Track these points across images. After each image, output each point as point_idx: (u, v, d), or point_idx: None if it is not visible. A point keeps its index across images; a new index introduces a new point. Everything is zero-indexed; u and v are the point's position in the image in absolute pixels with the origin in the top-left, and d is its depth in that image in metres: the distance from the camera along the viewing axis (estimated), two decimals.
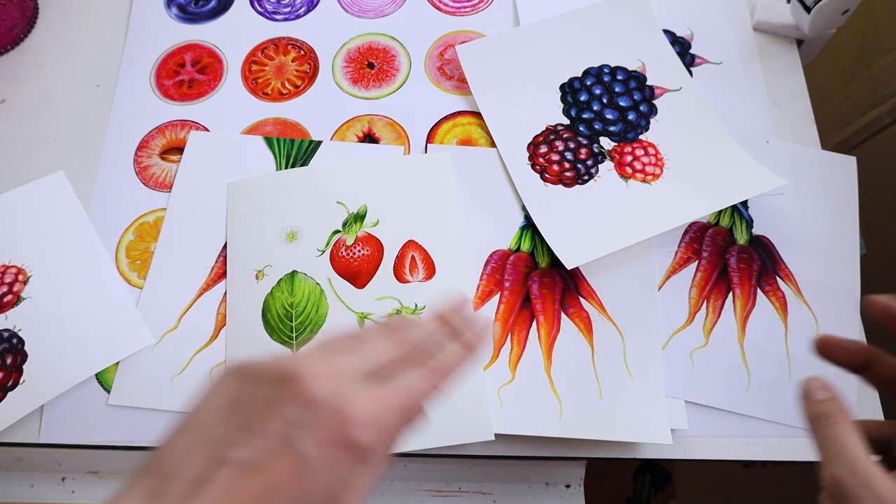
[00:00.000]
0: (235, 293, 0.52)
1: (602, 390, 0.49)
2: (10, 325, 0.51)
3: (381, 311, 0.51)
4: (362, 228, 0.54)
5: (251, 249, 0.53)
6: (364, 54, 0.64)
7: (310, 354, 0.25)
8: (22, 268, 0.53)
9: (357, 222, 0.54)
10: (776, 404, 0.50)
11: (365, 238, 0.53)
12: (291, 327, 0.50)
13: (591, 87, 0.60)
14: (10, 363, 0.50)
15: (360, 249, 0.53)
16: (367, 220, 0.54)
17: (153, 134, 0.60)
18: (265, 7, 0.67)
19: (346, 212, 0.54)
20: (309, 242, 0.53)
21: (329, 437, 0.22)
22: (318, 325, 0.51)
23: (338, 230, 0.54)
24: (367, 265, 0.52)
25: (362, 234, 0.53)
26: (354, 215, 0.54)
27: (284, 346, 0.50)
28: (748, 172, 0.55)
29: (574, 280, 0.53)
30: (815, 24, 0.60)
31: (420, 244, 0.53)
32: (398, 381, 0.26)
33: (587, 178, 0.56)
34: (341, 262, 0.52)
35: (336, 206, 0.54)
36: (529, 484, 0.52)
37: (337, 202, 0.54)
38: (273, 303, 0.51)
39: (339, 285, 0.52)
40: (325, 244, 0.53)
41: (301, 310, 0.51)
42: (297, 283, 0.52)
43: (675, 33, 0.64)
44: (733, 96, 0.61)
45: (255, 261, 0.53)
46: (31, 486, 0.50)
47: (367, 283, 0.52)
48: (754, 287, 0.53)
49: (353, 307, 0.51)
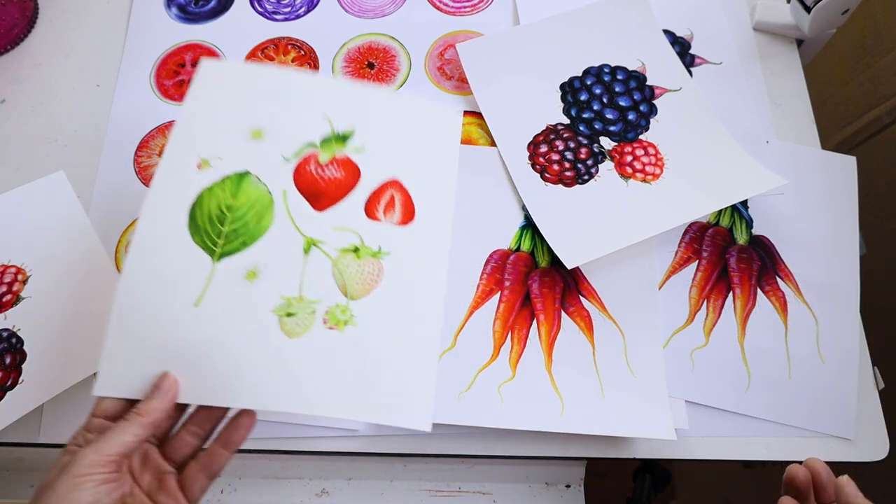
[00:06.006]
0: (165, 178, 0.43)
1: (603, 387, 0.49)
2: (10, 325, 0.51)
3: (336, 242, 0.43)
4: (342, 150, 0.46)
5: (202, 133, 0.45)
6: (364, 54, 0.64)
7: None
8: (21, 268, 0.53)
9: (339, 142, 0.46)
10: (776, 404, 0.50)
11: (342, 160, 0.46)
12: (220, 232, 0.42)
13: (591, 87, 0.60)
14: (10, 363, 0.50)
15: (333, 170, 0.45)
16: (350, 143, 0.46)
17: (153, 134, 0.60)
18: (265, 7, 0.67)
19: (330, 128, 0.46)
20: (275, 146, 0.45)
21: None
22: (253, 237, 0.43)
23: (313, 144, 0.46)
24: (334, 188, 0.45)
25: (341, 155, 0.46)
26: (338, 134, 0.46)
27: (204, 253, 0.42)
28: (748, 172, 0.55)
29: (574, 279, 0.53)
30: (815, 24, 0.60)
31: (404, 186, 0.46)
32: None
33: (587, 178, 0.56)
34: (306, 176, 0.45)
35: (320, 119, 0.46)
36: (529, 484, 0.52)
37: (323, 115, 0.47)
38: (209, 199, 0.43)
39: (294, 201, 0.44)
40: (295, 153, 0.45)
41: (239, 216, 0.43)
42: (244, 186, 0.44)
43: (675, 33, 0.64)
44: (733, 96, 0.61)
45: (203, 147, 0.44)
46: (31, 486, 0.50)
47: (329, 206, 0.44)
48: (754, 287, 0.53)
49: (304, 229, 0.43)
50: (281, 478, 0.52)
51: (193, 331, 0.40)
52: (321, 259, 0.43)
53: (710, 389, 0.50)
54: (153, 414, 0.36)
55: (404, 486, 0.52)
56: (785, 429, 0.49)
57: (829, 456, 0.49)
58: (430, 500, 0.51)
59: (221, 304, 0.40)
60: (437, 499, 0.51)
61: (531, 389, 0.49)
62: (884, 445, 0.49)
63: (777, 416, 0.49)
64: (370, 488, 0.51)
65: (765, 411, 0.50)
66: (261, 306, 0.41)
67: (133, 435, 0.35)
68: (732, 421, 0.50)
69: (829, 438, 0.49)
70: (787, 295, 0.53)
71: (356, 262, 0.43)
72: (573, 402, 0.48)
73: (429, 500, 0.51)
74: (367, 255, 0.43)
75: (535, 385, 0.49)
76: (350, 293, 0.42)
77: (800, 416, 0.50)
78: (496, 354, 0.50)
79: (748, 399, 0.50)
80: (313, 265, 0.42)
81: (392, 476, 0.52)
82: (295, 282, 0.42)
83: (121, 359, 0.39)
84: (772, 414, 0.50)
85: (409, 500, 0.51)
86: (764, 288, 0.53)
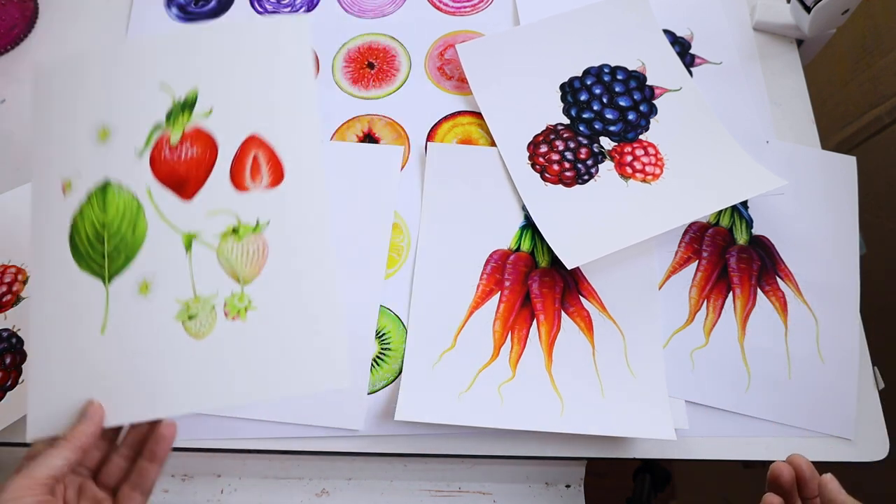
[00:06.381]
0: (39, 212, 0.41)
1: (603, 388, 0.49)
2: (10, 325, 0.51)
3: (213, 229, 0.41)
4: (191, 121, 0.42)
5: (56, 152, 0.42)
6: (364, 54, 0.64)
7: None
8: (21, 268, 0.53)
9: (184, 112, 0.42)
10: (776, 404, 0.50)
11: (194, 134, 0.42)
12: (103, 253, 0.41)
13: (591, 87, 0.60)
14: (10, 363, 0.50)
15: (188, 149, 0.42)
16: (196, 109, 0.42)
17: None
18: (265, 7, 0.67)
19: (171, 99, 0.42)
20: (124, 141, 0.42)
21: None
22: (134, 249, 0.41)
23: (160, 125, 0.42)
24: (196, 169, 0.42)
25: (190, 128, 0.42)
26: (181, 103, 0.42)
27: (94, 278, 0.40)
28: (748, 172, 0.55)
29: (574, 279, 0.53)
30: (815, 24, 0.60)
31: (264, 140, 0.42)
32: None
33: (587, 178, 0.56)
34: (164, 165, 0.42)
35: (158, 92, 0.42)
36: (529, 484, 0.52)
37: (160, 85, 0.42)
38: (81, 223, 0.41)
39: (160, 196, 0.41)
40: (145, 143, 0.42)
41: (114, 231, 0.41)
42: (109, 197, 0.41)
43: (675, 33, 0.64)
44: (733, 96, 0.61)
45: (61, 166, 0.42)
46: None
47: (197, 191, 0.42)
48: (754, 287, 0.53)
49: (179, 225, 0.41)
50: (281, 478, 0.53)
51: (106, 357, 0.40)
52: (204, 251, 0.41)
53: (710, 389, 0.50)
54: (80, 438, 0.37)
55: (404, 486, 0.52)
56: (785, 429, 0.49)
57: (829, 456, 0.49)
58: (430, 500, 0.51)
59: (125, 325, 0.40)
60: (437, 499, 0.51)
61: (531, 389, 0.49)
62: (884, 445, 0.49)
63: (777, 416, 0.49)
64: (370, 488, 0.51)
65: (765, 411, 0.50)
66: (162, 317, 0.40)
67: (62, 458, 0.36)
68: (732, 421, 0.50)
69: (829, 438, 0.49)
70: (787, 295, 0.53)
71: (238, 244, 0.41)
72: (573, 403, 0.48)
73: (429, 500, 0.51)
74: (247, 233, 0.41)
75: (535, 385, 0.49)
76: (242, 278, 0.41)
77: (800, 416, 0.50)
78: (496, 354, 0.50)
79: (748, 399, 0.50)
80: (198, 260, 0.41)
81: (392, 476, 0.52)
82: (186, 283, 0.41)
83: (45, 401, 0.39)
84: (772, 414, 0.50)
85: (409, 500, 0.51)
86: (764, 288, 0.53)
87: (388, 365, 0.50)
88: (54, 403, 0.39)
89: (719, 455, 0.49)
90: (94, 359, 0.40)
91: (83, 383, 0.39)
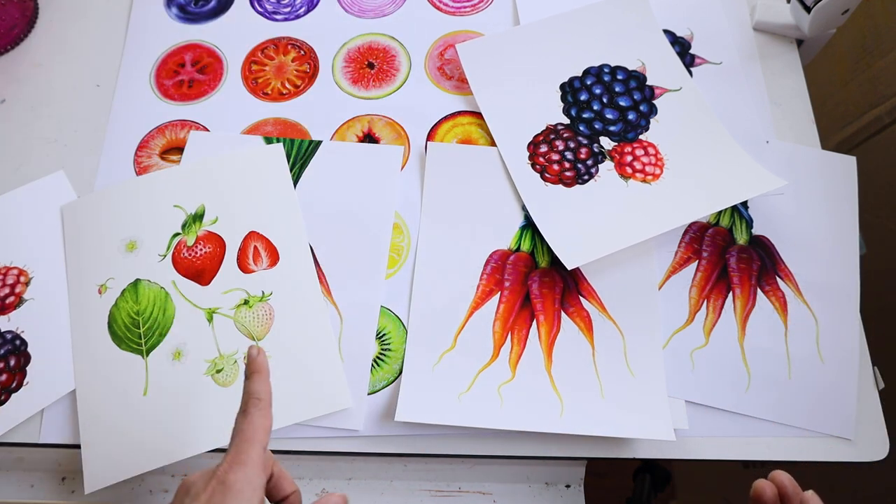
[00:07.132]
0: (78, 311, 0.52)
1: (603, 388, 0.49)
2: (13, 327, 0.51)
3: (229, 303, 0.51)
4: (202, 227, 0.54)
5: (90, 266, 0.53)
6: (364, 54, 0.64)
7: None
8: (24, 269, 0.53)
9: (196, 222, 0.54)
10: (776, 404, 0.50)
11: (206, 236, 0.53)
12: (139, 334, 0.50)
13: (591, 87, 0.60)
14: (14, 365, 0.50)
15: (202, 248, 0.53)
16: (205, 218, 0.54)
17: (153, 134, 0.60)
18: (265, 7, 0.67)
19: (184, 214, 0.54)
20: (149, 249, 0.53)
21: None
22: (166, 327, 0.51)
23: (177, 233, 0.54)
24: (210, 262, 0.53)
25: (203, 232, 0.54)
26: (193, 216, 0.54)
27: (134, 354, 0.50)
28: (748, 172, 0.55)
29: (574, 280, 0.53)
30: (815, 24, 0.60)
31: (261, 234, 0.54)
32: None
33: (587, 178, 0.56)
34: (184, 262, 0.53)
35: (173, 210, 0.54)
36: (529, 484, 0.52)
37: (174, 206, 0.54)
38: (118, 314, 0.51)
39: (184, 286, 0.52)
40: (166, 248, 0.53)
41: (148, 316, 0.51)
42: (141, 291, 0.52)
43: (675, 33, 0.64)
44: (733, 96, 0.61)
45: (96, 276, 0.52)
46: (31, 486, 0.50)
47: (212, 278, 0.52)
48: (754, 287, 0.53)
49: (200, 304, 0.51)
50: None
51: (150, 412, 0.48)
52: (223, 321, 0.51)
53: (710, 389, 0.50)
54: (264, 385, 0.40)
55: (404, 486, 0.52)
56: (785, 429, 0.49)
57: (829, 456, 0.49)
58: (430, 500, 0.51)
59: (164, 385, 0.49)
60: (437, 499, 0.51)
61: (531, 390, 0.49)
62: (884, 445, 0.49)
63: (777, 416, 0.50)
64: (370, 488, 0.51)
65: (765, 411, 0.50)
66: (194, 374, 0.49)
67: (269, 417, 0.39)
68: (732, 421, 0.50)
69: (829, 438, 0.49)
70: (787, 295, 0.53)
71: (250, 311, 0.51)
72: (573, 403, 0.48)
73: (429, 500, 0.51)
74: (255, 302, 0.51)
75: (534, 386, 0.49)
76: (256, 336, 0.51)
77: (800, 416, 0.50)
78: (496, 355, 0.50)
79: (748, 399, 0.50)
80: (220, 328, 0.51)
81: (392, 476, 0.52)
82: (212, 346, 0.50)
83: (99, 458, 0.47)
84: (772, 414, 0.50)
85: (409, 500, 0.51)
86: (764, 288, 0.53)
87: (389, 365, 0.50)
88: (107, 460, 0.47)
89: (719, 455, 0.49)
90: (139, 416, 0.48)
91: (131, 436, 0.48)
